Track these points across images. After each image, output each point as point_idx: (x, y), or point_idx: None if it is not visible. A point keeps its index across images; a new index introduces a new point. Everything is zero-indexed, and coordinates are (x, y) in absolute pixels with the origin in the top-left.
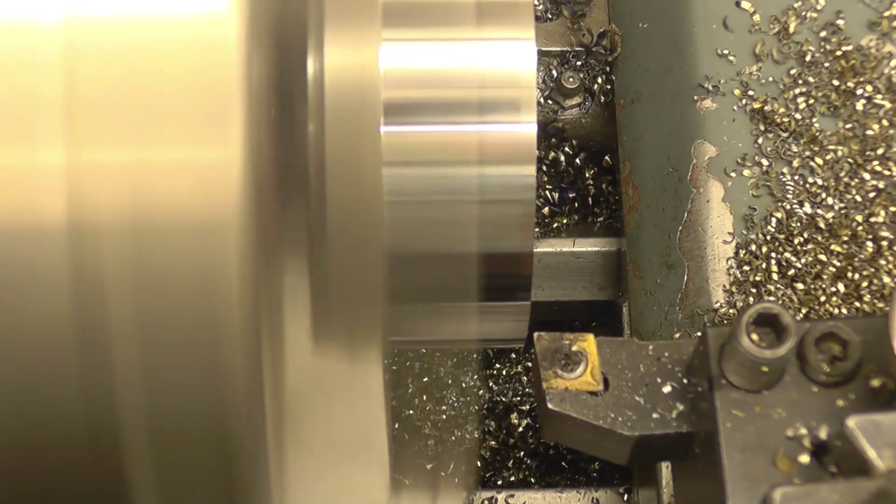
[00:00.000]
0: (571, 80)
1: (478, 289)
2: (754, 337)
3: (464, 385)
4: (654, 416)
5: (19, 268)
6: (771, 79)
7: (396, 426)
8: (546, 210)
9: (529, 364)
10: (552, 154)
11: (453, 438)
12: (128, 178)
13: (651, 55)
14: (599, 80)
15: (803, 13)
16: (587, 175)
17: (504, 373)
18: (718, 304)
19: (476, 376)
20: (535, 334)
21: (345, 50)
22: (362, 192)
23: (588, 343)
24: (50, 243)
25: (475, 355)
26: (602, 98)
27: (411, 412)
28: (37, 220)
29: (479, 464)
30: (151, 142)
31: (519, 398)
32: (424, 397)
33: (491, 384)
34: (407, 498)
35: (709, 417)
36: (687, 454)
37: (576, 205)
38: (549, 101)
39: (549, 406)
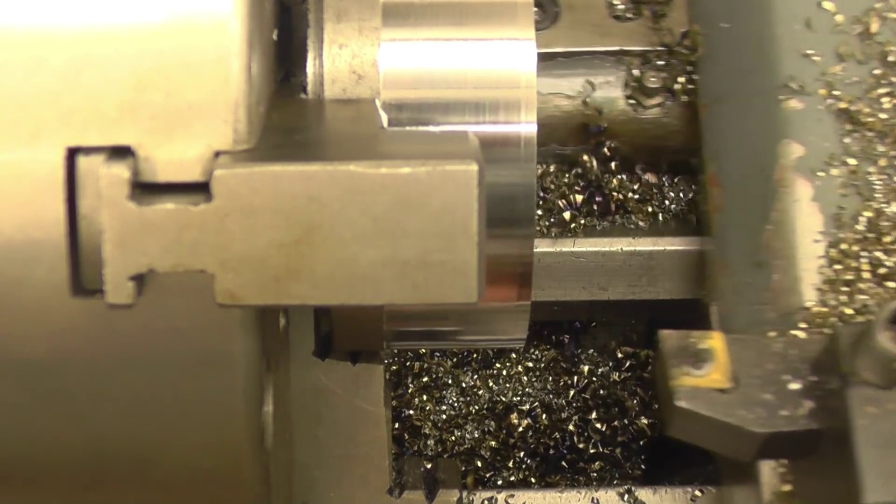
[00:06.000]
0: (653, 79)
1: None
2: (890, 334)
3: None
4: (783, 413)
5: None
6: (855, 79)
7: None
8: (567, 214)
9: (530, 364)
10: (584, 157)
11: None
12: None
13: (734, 55)
14: (681, 80)
15: (885, 14)
16: (618, 179)
17: (504, 373)
18: (811, 303)
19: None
20: (662, 332)
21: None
22: None
23: (716, 340)
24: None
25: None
26: (683, 98)
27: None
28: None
29: (479, 463)
30: None
31: (519, 398)
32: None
33: (491, 384)
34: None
35: (840, 414)
36: (813, 451)
37: (611, 206)
38: (631, 101)
39: (679, 404)
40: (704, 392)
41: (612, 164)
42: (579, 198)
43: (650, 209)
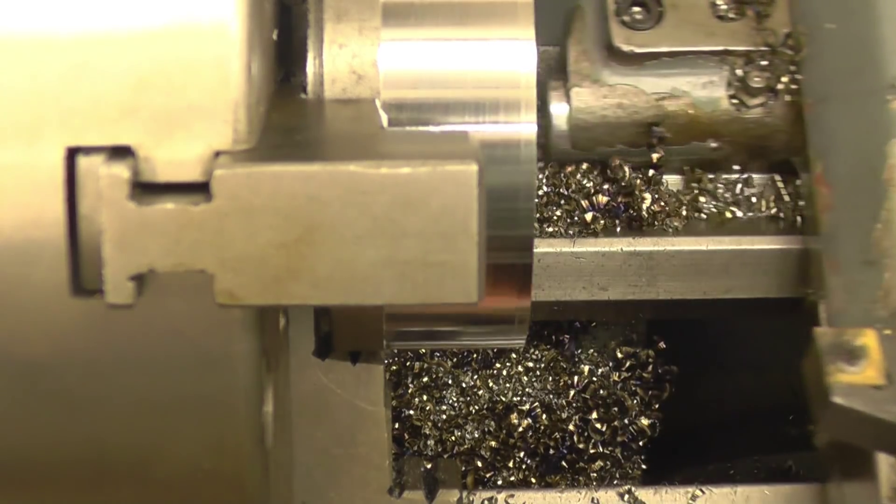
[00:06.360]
0: (757, 79)
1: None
2: None
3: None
4: None
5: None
6: None
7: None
8: (589, 216)
9: (530, 364)
10: (615, 162)
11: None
12: None
13: (839, 55)
14: (784, 80)
15: None
16: (647, 185)
17: (504, 373)
18: None
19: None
20: (817, 329)
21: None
22: None
23: (869, 338)
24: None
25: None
26: (786, 97)
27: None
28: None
29: (479, 464)
30: None
31: (519, 398)
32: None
33: (491, 384)
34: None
35: None
36: None
37: (631, 212)
38: (734, 101)
39: (836, 400)
40: (860, 389)
41: (650, 172)
42: (602, 199)
43: (685, 212)
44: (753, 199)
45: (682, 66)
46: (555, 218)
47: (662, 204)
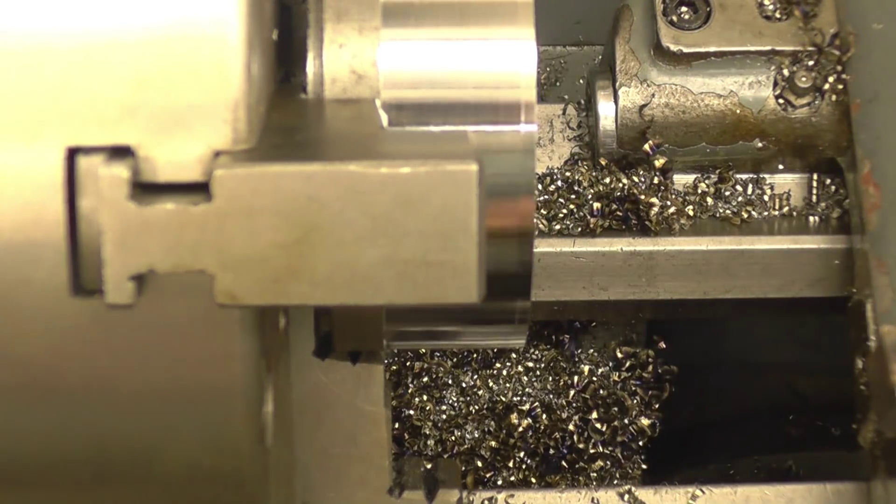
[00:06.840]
0: (804, 79)
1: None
2: None
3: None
4: None
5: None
6: None
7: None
8: (592, 221)
9: (530, 364)
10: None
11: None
12: None
13: (888, 55)
14: (830, 80)
15: None
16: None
17: (504, 373)
18: None
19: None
20: (885, 327)
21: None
22: None
23: None
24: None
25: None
26: (832, 97)
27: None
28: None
29: (479, 463)
30: None
31: (519, 398)
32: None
33: (491, 384)
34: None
35: None
36: None
37: (630, 215)
38: (781, 101)
39: None
40: None
41: (655, 179)
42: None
43: (691, 212)
44: (767, 199)
45: (729, 65)
46: (561, 215)
47: (672, 210)
